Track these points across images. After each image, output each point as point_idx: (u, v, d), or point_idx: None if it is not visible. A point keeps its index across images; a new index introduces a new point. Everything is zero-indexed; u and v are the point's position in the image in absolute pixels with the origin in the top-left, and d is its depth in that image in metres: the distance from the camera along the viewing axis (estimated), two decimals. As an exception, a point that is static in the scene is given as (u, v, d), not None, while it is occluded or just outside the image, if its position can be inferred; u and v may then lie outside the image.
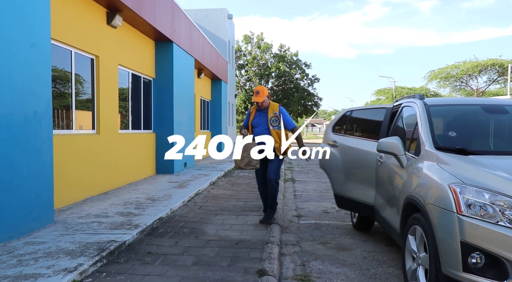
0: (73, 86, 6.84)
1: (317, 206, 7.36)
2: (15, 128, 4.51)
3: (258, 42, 33.90)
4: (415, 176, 3.47)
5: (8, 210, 4.40)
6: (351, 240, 5.16)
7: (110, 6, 7.67)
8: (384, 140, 4.07)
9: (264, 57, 33.59)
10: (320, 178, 11.36)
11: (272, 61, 33.75)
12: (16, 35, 4.54)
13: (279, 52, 33.93)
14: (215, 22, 24.33)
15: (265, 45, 33.45)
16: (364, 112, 5.77)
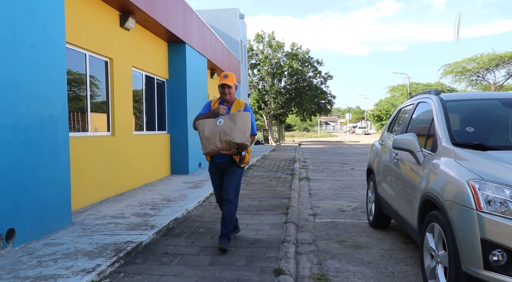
0: (88, 89, 6.91)
1: (333, 204, 7.31)
2: (32, 131, 4.58)
3: (270, 41, 33.83)
4: (432, 172, 3.41)
5: (28, 212, 4.47)
6: (367, 238, 5.11)
7: (123, 8, 7.73)
8: (399, 136, 4.03)
9: (276, 56, 33.52)
10: (335, 176, 11.30)
11: (284, 59, 33.67)
12: (31, 40, 4.60)
13: (291, 51, 33.85)
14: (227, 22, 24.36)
15: (276, 44, 33.38)
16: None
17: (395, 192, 4.53)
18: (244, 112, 4.41)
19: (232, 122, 4.30)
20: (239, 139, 4.24)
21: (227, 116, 4.36)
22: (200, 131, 4.34)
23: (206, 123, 4.35)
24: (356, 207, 6.99)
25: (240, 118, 4.31)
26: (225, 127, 4.28)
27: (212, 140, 4.28)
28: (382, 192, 5.09)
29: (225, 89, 4.51)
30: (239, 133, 4.25)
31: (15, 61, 4.34)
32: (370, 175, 5.98)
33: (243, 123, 4.30)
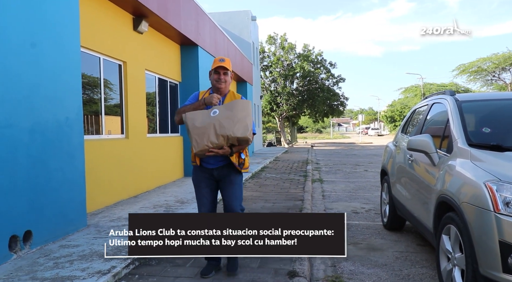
0: (102, 92, 6.99)
1: (346, 206, 7.27)
2: (49, 134, 4.64)
3: (282, 42, 33.84)
4: (447, 174, 3.38)
5: (45, 214, 4.53)
6: (382, 240, 5.07)
7: (136, 12, 7.81)
8: (414, 138, 4.00)
9: (289, 58, 33.51)
10: (348, 178, 11.24)
11: (296, 61, 33.64)
12: (48, 45, 4.67)
13: (303, 52, 33.82)
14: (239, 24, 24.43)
15: (289, 45, 33.37)
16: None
17: (410, 194, 4.49)
18: (244, 100, 3.54)
19: (229, 111, 3.39)
20: (240, 132, 3.32)
21: (223, 106, 3.46)
22: (189, 123, 3.38)
23: (197, 114, 3.40)
24: (370, 209, 6.95)
25: (240, 107, 3.43)
26: (221, 117, 3.35)
27: (206, 133, 3.31)
28: (397, 194, 5.05)
29: (221, 75, 3.61)
30: (240, 124, 3.35)
31: (33, 66, 4.41)
32: (384, 177, 5.93)
33: (244, 113, 3.41)
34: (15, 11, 4.19)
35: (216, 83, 3.65)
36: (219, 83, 3.64)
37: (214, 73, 3.65)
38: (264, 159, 16.40)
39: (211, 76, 3.68)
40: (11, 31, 4.13)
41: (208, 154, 3.38)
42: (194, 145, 3.36)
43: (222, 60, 3.64)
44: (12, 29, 4.14)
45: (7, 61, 4.07)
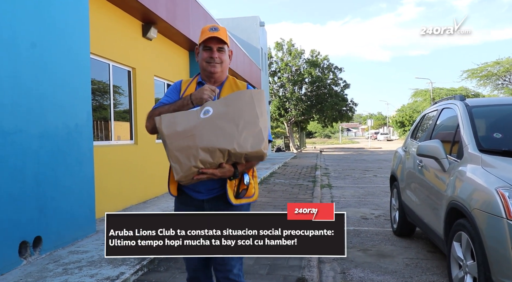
0: (112, 98, 7.04)
1: (355, 212, 7.22)
2: (58, 141, 4.68)
3: (289, 48, 33.89)
4: (458, 180, 3.34)
5: (54, 220, 4.55)
6: (392, 246, 5.02)
7: (145, 19, 7.87)
8: (424, 143, 3.96)
9: (296, 63, 33.54)
10: (357, 184, 11.17)
11: (304, 66, 33.66)
12: (57, 52, 4.72)
13: (311, 58, 33.84)
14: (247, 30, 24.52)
15: (295, 51, 33.42)
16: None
17: (420, 200, 4.44)
18: (254, 90, 2.21)
19: (230, 109, 2.11)
20: (249, 144, 2.03)
21: (220, 101, 2.17)
22: (165, 130, 2.12)
23: (177, 117, 2.15)
24: (380, 215, 6.89)
25: (247, 101, 2.13)
26: (217, 120, 2.08)
27: (193, 147, 2.04)
28: (406, 200, 5.00)
29: (214, 53, 2.32)
30: (249, 131, 2.06)
31: (43, 73, 4.46)
32: (393, 182, 5.89)
33: (254, 111, 2.11)
34: (25, 19, 4.24)
35: (207, 65, 2.32)
36: (212, 65, 2.31)
37: (203, 50, 2.33)
38: (272, 165, 16.37)
39: (198, 56, 2.40)
40: (21, 38, 4.18)
41: (198, 178, 2.07)
42: (175, 168, 2.08)
43: (215, 29, 2.31)
44: (22, 37, 4.19)
45: (17, 68, 4.11)
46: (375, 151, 32.76)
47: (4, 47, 3.96)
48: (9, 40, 4.03)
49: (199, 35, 2.36)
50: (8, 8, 4.02)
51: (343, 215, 1.30)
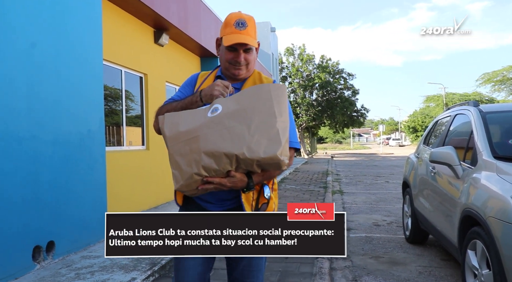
0: (124, 103, 7.10)
1: (367, 218, 7.16)
2: (71, 146, 4.73)
3: (301, 53, 33.90)
4: (472, 187, 3.29)
5: (66, 225, 4.59)
6: (404, 254, 4.96)
7: (157, 25, 7.93)
8: (436, 150, 3.92)
9: (308, 68, 33.52)
10: (369, 190, 11.08)
11: (315, 72, 33.63)
12: (70, 58, 4.78)
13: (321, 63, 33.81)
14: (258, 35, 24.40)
15: (307, 56, 33.42)
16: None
17: (433, 207, 4.39)
18: (275, 84, 1.90)
19: (242, 106, 1.81)
20: (263, 148, 1.70)
21: (231, 98, 1.88)
22: (167, 130, 1.87)
23: (181, 116, 1.89)
24: (392, 222, 6.82)
25: (264, 97, 1.81)
26: (225, 119, 1.78)
27: (195, 151, 1.76)
28: (419, 206, 4.95)
29: (240, 56, 2.00)
30: (262, 132, 1.74)
31: (57, 80, 4.51)
32: (406, 189, 5.83)
33: (272, 109, 1.78)
34: (41, 28, 4.31)
35: (231, 67, 2.03)
36: (237, 68, 2.02)
37: (226, 50, 2.01)
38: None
39: (219, 49, 2.09)
40: (37, 47, 4.24)
41: (204, 188, 1.77)
42: (175, 175, 1.82)
43: (242, 25, 1.96)
44: (38, 45, 4.25)
45: (32, 76, 4.17)
46: (387, 156, 32.52)
47: (20, 56, 4.02)
48: (25, 49, 4.09)
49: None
50: (25, 18, 4.09)
51: (343, 215, 1.30)
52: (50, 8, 4.46)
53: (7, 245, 3.79)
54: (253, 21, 2.03)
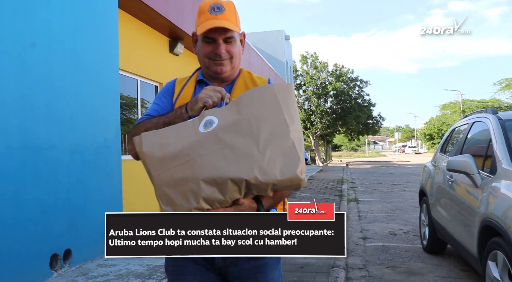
0: (139, 112, 7.18)
1: (384, 227, 7.07)
2: (88, 155, 4.79)
3: (314, 61, 33.90)
4: (492, 196, 3.23)
5: (83, 233, 4.63)
6: (422, 264, 4.88)
7: (172, 35, 8.03)
8: (454, 158, 3.87)
9: (321, 76, 33.50)
10: (385, 198, 10.96)
11: (329, 80, 33.58)
12: (88, 69, 4.86)
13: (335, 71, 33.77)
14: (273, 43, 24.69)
15: (321, 64, 33.40)
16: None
17: (451, 216, 4.31)
18: (280, 84, 1.50)
19: (244, 117, 1.44)
20: (278, 169, 1.37)
21: (229, 106, 1.50)
22: (148, 156, 1.52)
23: (166, 134, 1.50)
24: (409, 231, 6.72)
25: (269, 101, 1.45)
26: (225, 135, 1.42)
27: (191, 179, 1.40)
28: (437, 216, 4.87)
29: (219, 46, 1.66)
30: (277, 147, 1.39)
31: (75, 90, 4.60)
32: (422, 197, 5.75)
33: (282, 116, 1.43)
34: (58, 38, 4.39)
35: (211, 63, 1.69)
36: (218, 63, 1.68)
37: (203, 42, 1.68)
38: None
39: (196, 46, 1.77)
40: (56, 57, 4.33)
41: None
42: (164, 210, 1.49)
43: (218, 9, 1.62)
44: (57, 55, 4.34)
45: (52, 89, 4.26)
46: (403, 164, 32.17)
47: (39, 69, 4.11)
48: (44, 61, 4.18)
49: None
50: (43, 31, 4.18)
51: (343, 215, 1.29)
52: (68, 20, 4.56)
53: (26, 252, 3.84)
54: (233, 5, 1.67)
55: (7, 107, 3.76)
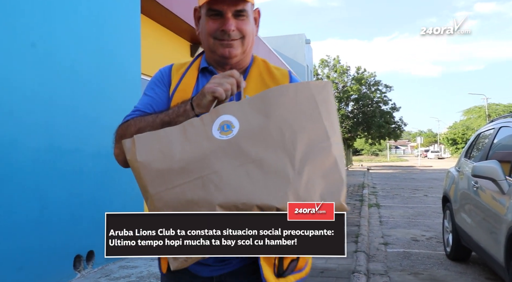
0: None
1: (405, 233, 6.97)
2: (111, 160, 4.76)
3: (335, 65, 33.73)
4: (519, 203, 3.15)
5: (105, 234, 4.70)
6: (445, 271, 4.78)
7: (193, 39, 8.11)
8: (479, 164, 3.79)
9: (343, 80, 33.28)
10: (407, 203, 10.80)
11: (350, 83, 33.34)
12: (111, 76, 4.95)
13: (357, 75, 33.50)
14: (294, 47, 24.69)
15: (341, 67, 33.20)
16: None
17: (476, 223, 4.22)
18: (317, 82, 1.18)
19: (275, 122, 1.10)
20: (321, 192, 1.13)
21: (250, 104, 1.14)
22: (144, 167, 1.19)
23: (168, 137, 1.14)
24: (431, 237, 6.61)
25: (305, 105, 1.12)
26: (252, 146, 1.08)
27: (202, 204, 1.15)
28: (461, 222, 4.77)
29: (228, 22, 1.30)
30: (316, 165, 1.08)
31: (98, 98, 4.69)
32: (446, 203, 5.65)
33: (322, 125, 1.10)
34: (81, 44, 4.49)
35: (217, 45, 1.36)
36: (226, 44, 1.35)
37: (207, 17, 1.37)
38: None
39: (198, 25, 1.48)
40: (81, 61, 4.42)
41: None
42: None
43: None
44: (82, 60, 4.44)
45: (76, 95, 4.36)
46: (425, 169, 31.64)
47: (64, 75, 4.21)
48: (69, 67, 4.28)
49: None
50: (67, 36, 4.28)
51: (343, 215, 1.28)
52: (93, 25, 4.65)
53: (51, 253, 3.93)
54: None
55: (35, 111, 3.86)
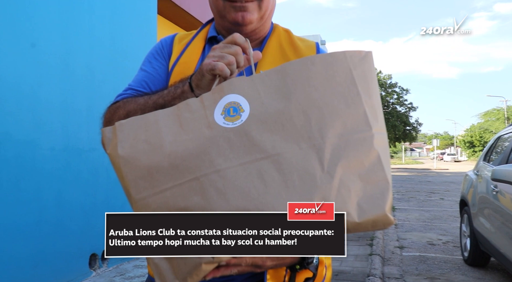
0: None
1: (421, 237, 6.87)
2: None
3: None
4: (540, 208, 3.07)
5: (120, 234, 4.74)
6: (462, 276, 4.70)
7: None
8: (499, 167, 3.71)
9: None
10: (422, 207, 10.66)
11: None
12: (127, 77, 4.99)
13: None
14: (308, 49, 24.59)
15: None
16: None
17: (495, 227, 4.14)
18: (354, 52, 0.84)
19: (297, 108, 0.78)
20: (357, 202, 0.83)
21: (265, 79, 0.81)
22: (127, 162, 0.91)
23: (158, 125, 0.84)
24: (448, 241, 6.50)
25: (339, 83, 0.79)
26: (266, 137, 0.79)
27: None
28: (479, 227, 4.68)
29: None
30: (353, 164, 0.79)
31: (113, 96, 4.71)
32: (463, 207, 5.55)
33: (362, 109, 0.78)
34: (99, 46, 4.54)
35: (229, 7, 1.07)
36: (239, 7, 1.06)
37: None
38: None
39: None
40: (97, 62, 4.47)
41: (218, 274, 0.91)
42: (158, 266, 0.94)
43: None
44: (98, 60, 4.48)
45: (92, 98, 4.41)
46: (441, 172, 31.22)
47: (80, 78, 4.26)
48: (84, 72, 4.33)
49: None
50: (84, 38, 4.33)
51: (342, 215, 1.25)
52: (109, 26, 4.70)
53: (67, 252, 3.97)
54: None
55: (51, 111, 3.91)
